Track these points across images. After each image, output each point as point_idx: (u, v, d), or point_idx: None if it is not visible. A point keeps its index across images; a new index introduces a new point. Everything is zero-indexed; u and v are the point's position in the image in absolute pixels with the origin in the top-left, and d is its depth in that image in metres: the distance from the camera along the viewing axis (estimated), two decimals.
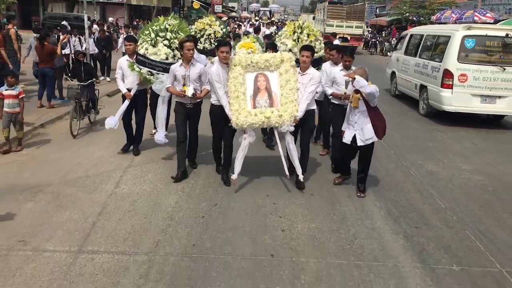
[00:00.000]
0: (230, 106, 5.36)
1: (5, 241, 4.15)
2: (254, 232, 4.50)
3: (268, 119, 5.32)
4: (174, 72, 5.61)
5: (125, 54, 6.90)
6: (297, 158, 5.54)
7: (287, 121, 5.33)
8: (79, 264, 3.82)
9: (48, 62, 9.68)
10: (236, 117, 5.29)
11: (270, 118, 5.32)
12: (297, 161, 5.54)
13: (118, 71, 6.60)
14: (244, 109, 5.36)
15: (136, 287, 3.53)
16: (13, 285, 3.50)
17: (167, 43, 6.12)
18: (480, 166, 6.97)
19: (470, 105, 9.41)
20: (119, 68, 6.58)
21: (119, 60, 6.72)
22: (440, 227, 4.78)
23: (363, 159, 5.51)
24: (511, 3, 24.54)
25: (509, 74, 9.22)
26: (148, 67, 6.10)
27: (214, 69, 5.41)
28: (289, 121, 5.34)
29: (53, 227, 4.45)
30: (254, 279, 3.71)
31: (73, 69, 8.58)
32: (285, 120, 5.32)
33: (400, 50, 12.82)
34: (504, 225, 4.93)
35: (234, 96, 5.35)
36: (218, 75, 5.35)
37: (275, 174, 6.00)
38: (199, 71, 5.63)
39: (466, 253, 4.27)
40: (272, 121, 5.34)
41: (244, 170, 5.60)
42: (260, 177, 5.94)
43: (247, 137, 5.45)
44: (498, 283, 3.80)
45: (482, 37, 9.31)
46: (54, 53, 9.89)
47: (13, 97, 6.71)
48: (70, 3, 33.88)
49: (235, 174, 5.47)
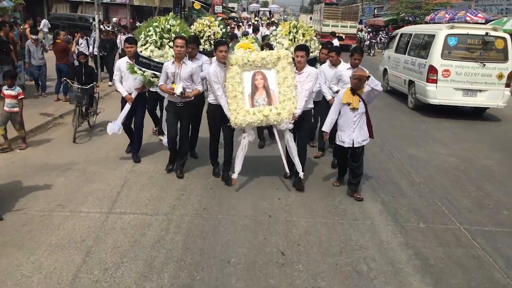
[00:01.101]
0: (229, 106, 5.39)
1: (46, 205, 4.96)
2: (255, 200, 5.30)
3: (266, 117, 5.35)
4: (166, 69, 5.58)
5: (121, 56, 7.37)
6: (297, 155, 5.55)
7: (285, 119, 5.35)
8: (110, 221, 4.63)
9: (63, 59, 10.51)
10: (235, 116, 5.34)
11: (269, 117, 5.35)
12: (297, 158, 5.54)
13: (116, 73, 6.38)
14: (242, 108, 5.38)
15: (159, 237, 4.33)
16: (58, 235, 4.31)
17: (172, 45, 5.92)
18: (456, 151, 7.78)
19: (453, 98, 10.23)
20: (118, 70, 6.35)
21: (117, 62, 6.59)
22: (413, 196, 5.61)
23: (357, 160, 5.38)
24: (503, 4, 25.30)
25: (489, 69, 10.03)
26: (153, 69, 5.98)
27: (212, 69, 5.41)
28: (288, 118, 5.36)
29: (84, 195, 5.26)
30: (255, 232, 4.52)
31: (74, 71, 8.26)
32: (283, 118, 5.35)
33: (391, 48, 13.64)
34: (468, 196, 5.75)
35: (232, 96, 5.38)
36: (216, 75, 5.36)
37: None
38: (191, 70, 5.57)
39: (432, 215, 5.09)
40: (270, 119, 5.36)
41: (243, 169, 5.64)
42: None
43: (247, 136, 5.51)
44: (456, 236, 4.62)
45: (463, 36, 10.13)
46: (67, 50, 10.74)
47: (12, 97, 6.80)
48: (74, 4, 34.72)
49: (235, 174, 5.54)
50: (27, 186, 5.41)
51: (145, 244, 4.20)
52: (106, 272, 3.73)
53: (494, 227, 4.87)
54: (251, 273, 3.81)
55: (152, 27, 6.05)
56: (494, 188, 6.09)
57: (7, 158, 6.45)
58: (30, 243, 4.15)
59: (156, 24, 6.08)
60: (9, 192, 5.19)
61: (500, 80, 10.04)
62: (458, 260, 4.15)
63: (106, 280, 3.63)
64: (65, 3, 34.67)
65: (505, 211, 5.33)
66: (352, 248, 4.29)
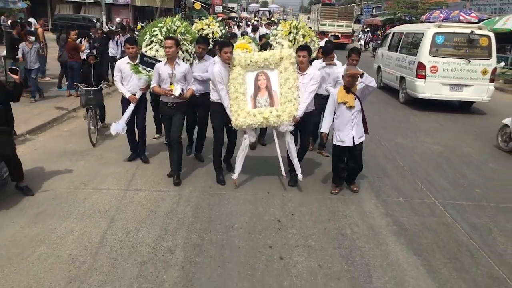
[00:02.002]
0: (230, 107, 5.43)
1: (71, 184, 5.63)
2: (255, 180, 5.96)
3: (266, 119, 5.34)
4: (158, 71, 5.52)
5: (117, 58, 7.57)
6: (296, 157, 5.58)
7: (285, 121, 5.34)
8: (128, 196, 5.31)
9: (74, 56, 11.19)
10: (235, 118, 5.39)
11: (269, 119, 5.34)
12: (296, 160, 5.57)
13: (116, 74, 6.32)
14: (243, 110, 5.40)
15: (172, 208, 5.00)
16: (85, 207, 4.98)
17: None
18: (440, 140, 8.45)
19: (441, 92, 10.90)
20: (118, 71, 6.29)
21: (117, 63, 6.55)
22: (396, 177, 6.28)
23: (357, 157, 5.48)
24: (496, 4, 25.96)
25: (474, 66, 10.69)
26: None
27: (216, 69, 5.42)
28: (288, 121, 5.34)
29: (104, 175, 5.93)
30: (255, 204, 5.19)
31: (83, 73, 8.05)
32: (283, 120, 5.33)
33: (384, 46, 14.31)
34: (447, 177, 6.41)
35: (233, 97, 5.41)
36: (220, 75, 5.38)
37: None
38: (184, 70, 5.53)
39: (411, 192, 5.77)
40: (270, 121, 5.35)
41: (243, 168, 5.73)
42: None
43: (247, 137, 5.55)
44: (430, 208, 5.29)
45: (450, 34, 10.80)
46: (77, 48, 11.41)
47: None
48: (77, 5, 35.41)
49: (235, 174, 5.60)
50: (52, 169, 6.07)
51: (160, 213, 4.87)
52: (129, 234, 4.40)
53: (465, 201, 5.54)
54: (252, 235, 4.47)
55: (157, 27, 6.21)
56: (470, 171, 6.76)
57: (30, 146, 7.12)
58: (61, 213, 4.83)
59: (161, 25, 6.23)
60: (37, 174, 5.86)
61: (484, 75, 10.71)
62: (430, 226, 4.81)
63: (129, 240, 4.30)
64: (68, 4, 35.35)
65: (477, 189, 6.00)
66: (339, 217, 4.96)
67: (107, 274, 3.75)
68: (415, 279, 3.83)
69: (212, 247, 4.23)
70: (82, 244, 4.19)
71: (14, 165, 5.14)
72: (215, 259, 4.03)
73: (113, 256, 4.02)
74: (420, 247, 4.36)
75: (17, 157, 5.18)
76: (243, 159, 5.62)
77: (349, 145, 5.35)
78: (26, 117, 8.31)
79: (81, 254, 4.03)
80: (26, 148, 6.99)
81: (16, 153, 5.17)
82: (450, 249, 4.35)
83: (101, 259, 3.96)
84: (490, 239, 4.61)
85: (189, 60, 6.18)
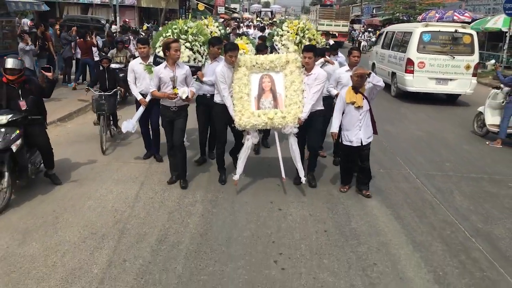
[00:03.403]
0: (234, 107, 5.43)
1: (104, 158, 6.70)
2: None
3: (271, 120, 5.33)
4: (158, 74, 5.41)
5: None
6: (300, 160, 5.58)
7: (290, 122, 5.33)
8: (153, 168, 6.37)
9: (89, 54, 12.37)
10: (239, 118, 5.37)
11: (273, 120, 5.33)
12: (299, 163, 5.57)
13: (130, 75, 6.39)
14: (247, 110, 5.40)
15: (189, 178, 6.02)
16: (118, 175, 6.04)
17: (189, 46, 6.07)
18: (424, 127, 9.48)
19: (428, 86, 11.94)
20: (131, 72, 6.37)
21: (130, 63, 6.68)
22: (379, 155, 7.29)
23: (365, 157, 5.49)
24: (490, 4, 26.94)
25: (458, 61, 11.72)
26: None
27: (219, 69, 5.44)
28: (293, 122, 5.34)
29: (131, 153, 6.97)
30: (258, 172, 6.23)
31: (96, 76, 7.81)
32: (288, 121, 5.33)
33: (378, 45, 15.34)
34: (424, 155, 7.44)
35: (238, 97, 5.40)
36: (223, 75, 5.41)
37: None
38: (185, 72, 5.47)
39: (390, 165, 6.82)
40: (275, 122, 5.34)
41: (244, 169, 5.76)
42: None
43: (250, 138, 5.55)
44: (405, 177, 6.34)
45: (436, 32, 11.84)
46: (94, 46, 12.57)
47: None
48: (85, 6, 36.53)
49: (237, 175, 5.57)
50: (85, 148, 7.14)
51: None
52: (157, 194, 5.46)
53: (435, 172, 6.59)
54: (256, 195, 5.53)
55: (171, 29, 6.16)
56: (446, 152, 7.79)
57: (62, 131, 8.21)
58: (100, 178, 5.91)
59: (175, 27, 6.18)
60: (74, 151, 6.93)
61: (467, 70, 11.74)
62: (402, 189, 5.86)
63: (158, 197, 5.37)
64: (76, 6, 36.49)
65: (447, 163, 7.05)
66: (327, 182, 6.02)
67: (143, 219, 4.80)
68: (384, 223, 4.87)
69: (224, 202, 5.30)
70: (121, 200, 5.26)
71: (46, 153, 5.51)
72: (227, 210, 5.09)
73: (147, 208, 5.08)
74: (392, 203, 5.41)
75: (49, 146, 5.51)
76: (245, 160, 5.60)
77: (357, 145, 5.39)
78: (53, 108, 9.34)
79: (121, 206, 5.09)
80: (59, 132, 8.06)
81: (49, 143, 5.52)
82: (416, 204, 5.40)
83: (137, 209, 5.02)
84: (451, 198, 5.67)
85: (200, 61, 6.14)
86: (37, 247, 4.16)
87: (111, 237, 4.40)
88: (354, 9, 55.61)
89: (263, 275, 3.84)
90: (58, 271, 3.80)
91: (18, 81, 5.15)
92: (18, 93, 5.15)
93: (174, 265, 3.95)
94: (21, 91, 5.17)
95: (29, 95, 5.22)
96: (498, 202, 5.60)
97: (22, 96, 5.17)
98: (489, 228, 4.88)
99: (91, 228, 4.56)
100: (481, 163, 7.20)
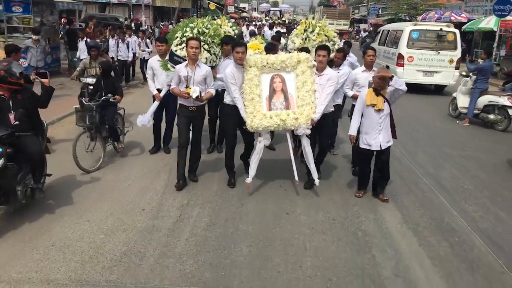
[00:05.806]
0: (245, 108, 5.28)
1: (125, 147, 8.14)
2: None
3: (283, 122, 5.21)
4: (178, 72, 5.40)
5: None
6: (313, 161, 5.48)
7: (303, 124, 5.22)
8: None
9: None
10: (251, 119, 5.23)
11: (286, 121, 5.20)
12: (313, 164, 5.46)
13: (148, 71, 6.63)
14: (259, 111, 5.27)
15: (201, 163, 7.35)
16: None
17: (207, 48, 6.08)
18: (411, 113, 11.05)
19: (416, 78, 13.58)
20: (150, 69, 6.58)
21: (149, 61, 6.89)
22: None
23: (384, 162, 5.26)
24: (487, 5, 28.37)
25: (442, 56, 13.37)
26: None
27: (229, 70, 5.34)
28: (305, 124, 5.23)
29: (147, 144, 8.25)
30: None
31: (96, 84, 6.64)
32: (301, 123, 5.22)
33: (376, 42, 17.00)
34: (406, 134, 9.00)
35: (249, 98, 5.26)
36: (232, 76, 5.30)
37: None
38: (205, 73, 5.40)
39: None
40: (288, 124, 5.22)
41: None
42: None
43: (262, 140, 5.45)
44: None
45: (423, 31, 13.49)
46: None
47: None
48: (102, 5, 38.44)
49: (249, 178, 5.46)
50: None
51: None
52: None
53: (409, 142, 8.25)
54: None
55: (189, 27, 6.13)
56: (422, 128, 9.47)
57: None
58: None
59: (192, 25, 6.14)
60: None
61: (451, 64, 13.39)
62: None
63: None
64: (94, 4, 38.38)
65: (419, 135, 8.71)
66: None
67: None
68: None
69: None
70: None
71: (34, 164, 4.76)
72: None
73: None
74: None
75: (40, 158, 4.82)
76: (257, 163, 5.50)
77: (376, 149, 5.22)
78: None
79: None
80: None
81: (42, 154, 4.88)
82: (396, 168, 6.79)
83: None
84: (419, 159, 7.32)
85: (215, 62, 6.20)
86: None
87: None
88: (361, 9, 57.26)
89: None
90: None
91: (9, 90, 4.51)
92: (8, 104, 4.52)
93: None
94: (12, 102, 4.53)
95: (21, 107, 4.56)
96: (451, 159, 7.30)
97: (13, 108, 4.53)
98: (437, 172, 6.61)
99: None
100: (448, 136, 8.87)
